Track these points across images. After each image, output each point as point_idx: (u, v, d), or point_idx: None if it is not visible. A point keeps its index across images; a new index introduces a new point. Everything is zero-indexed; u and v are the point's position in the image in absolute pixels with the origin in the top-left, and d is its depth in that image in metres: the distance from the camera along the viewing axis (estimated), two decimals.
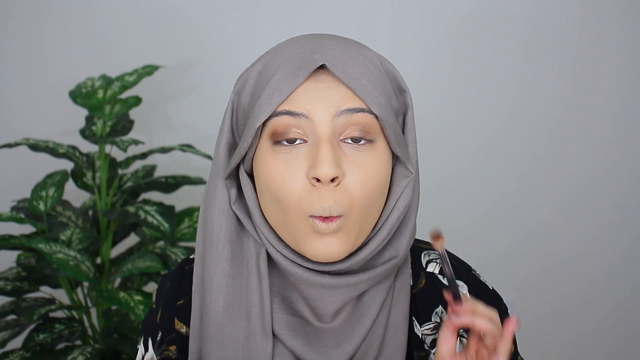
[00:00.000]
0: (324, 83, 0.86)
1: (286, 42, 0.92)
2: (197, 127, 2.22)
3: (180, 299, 1.01)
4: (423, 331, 0.95)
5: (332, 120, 0.85)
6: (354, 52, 0.88)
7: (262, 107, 0.86)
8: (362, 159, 0.86)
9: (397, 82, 0.91)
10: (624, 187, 2.33)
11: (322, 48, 0.87)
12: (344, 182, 0.85)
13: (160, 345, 1.01)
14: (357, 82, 0.85)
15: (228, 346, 0.93)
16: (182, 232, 1.90)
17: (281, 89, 0.85)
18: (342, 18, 2.20)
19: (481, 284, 0.99)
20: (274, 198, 0.87)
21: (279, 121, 0.85)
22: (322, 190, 0.84)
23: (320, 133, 0.85)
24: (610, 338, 2.41)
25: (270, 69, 0.88)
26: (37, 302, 1.80)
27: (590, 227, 2.35)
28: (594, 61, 2.26)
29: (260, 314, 0.92)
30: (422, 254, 0.99)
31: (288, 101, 0.85)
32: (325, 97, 0.85)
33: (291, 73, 0.85)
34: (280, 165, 0.86)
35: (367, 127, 0.86)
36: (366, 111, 0.85)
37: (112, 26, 2.20)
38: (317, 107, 0.85)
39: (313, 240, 0.86)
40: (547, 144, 2.30)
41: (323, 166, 0.83)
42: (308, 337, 0.92)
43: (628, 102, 2.28)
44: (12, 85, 2.20)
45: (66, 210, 1.91)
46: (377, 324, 0.92)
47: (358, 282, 0.90)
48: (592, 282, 2.37)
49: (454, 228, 2.15)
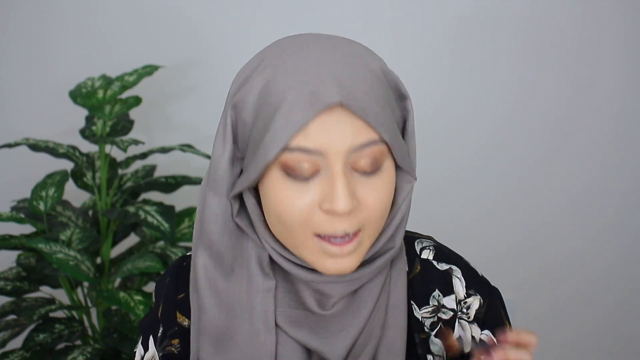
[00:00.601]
0: (337, 117, 0.83)
1: (286, 53, 0.87)
2: (197, 127, 2.22)
3: (181, 293, 1.01)
4: (422, 314, 0.98)
5: (346, 155, 0.84)
6: (360, 69, 0.85)
7: (272, 141, 0.83)
8: (374, 183, 0.86)
9: (398, 90, 0.90)
10: (624, 187, 2.33)
11: (331, 73, 0.84)
12: (358, 207, 0.85)
13: (162, 341, 1.02)
14: (369, 111, 0.83)
15: (231, 347, 0.93)
16: (182, 232, 1.90)
17: (293, 122, 0.82)
18: (342, 18, 2.20)
19: (471, 269, 1.03)
20: (279, 219, 0.87)
21: (291, 156, 0.83)
22: (336, 217, 0.85)
23: (334, 167, 0.83)
24: (610, 338, 2.41)
25: (276, 92, 0.84)
26: (37, 302, 1.80)
27: (591, 227, 2.35)
28: (594, 61, 2.25)
29: (263, 313, 0.92)
30: (415, 242, 1.02)
31: (300, 135, 0.83)
32: (339, 132, 0.83)
33: (303, 107, 0.82)
34: (290, 192, 0.85)
35: (377, 156, 0.85)
36: (377, 142, 0.84)
37: (112, 26, 2.20)
38: (331, 144, 0.83)
39: (325, 260, 0.87)
40: (547, 144, 2.30)
41: (340, 201, 0.82)
42: (312, 325, 0.93)
43: (628, 102, 2.28)
44: (12, 85, 2.20)
45: (66, 210, 1.91)
46: (378, 308, 0.94)
47: (360, 276, 0.92)
48: (592, 282, 2.36)
49: (454, 228, 2.15)
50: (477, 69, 2.26)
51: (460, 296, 0.99)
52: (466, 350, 0.98)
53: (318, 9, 2.21)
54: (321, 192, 0.84)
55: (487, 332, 1.00)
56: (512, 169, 2.32)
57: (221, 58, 2.20)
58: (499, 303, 1.02)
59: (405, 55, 2.22)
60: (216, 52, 2.21)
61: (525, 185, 2.33)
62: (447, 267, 1.00)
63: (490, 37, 2.24)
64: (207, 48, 2.22)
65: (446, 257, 1.01)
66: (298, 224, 0.85)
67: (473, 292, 1.00)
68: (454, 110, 2.27)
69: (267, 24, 2.18)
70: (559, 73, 2.26)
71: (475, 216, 2.32)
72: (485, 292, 1.01)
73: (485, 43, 2.24)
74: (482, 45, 2.24)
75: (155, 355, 1.02)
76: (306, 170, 0.84)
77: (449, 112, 2.27)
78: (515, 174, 2.32)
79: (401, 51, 2.22)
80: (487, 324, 1.00)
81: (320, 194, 0.84)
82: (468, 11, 2.22)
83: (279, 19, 2.19)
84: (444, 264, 1.01)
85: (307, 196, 0.84)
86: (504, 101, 2.28)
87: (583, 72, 2.26)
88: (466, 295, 1.00)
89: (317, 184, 0.84)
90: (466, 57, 2.25)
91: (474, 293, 1.00)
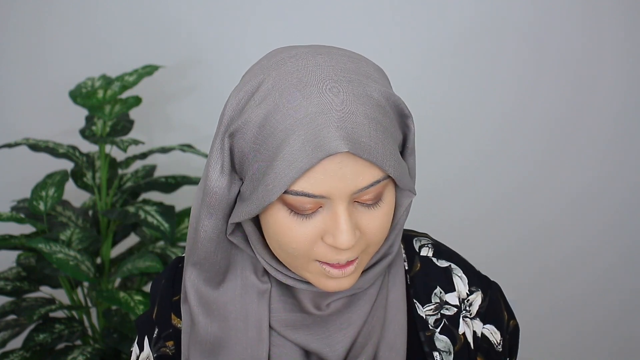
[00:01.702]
0: (341, 160, 0.81)
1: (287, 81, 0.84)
2: (197, 127, 2.22)
3: (176, 295, 1.01)
4: (426, 312, 0.98)
5: (350, 196, 0.84)
6: (362, 107, 0.82)
7: (274, 183, 0.82)
8: (375, 214, 0.86)
9: (400, 110, 0.87)
10: (624, 188, 2.33)
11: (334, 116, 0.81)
12: (360, 236, 0.86)
13: (157, 342, 1.02)
14: (376, 153, 0.82)
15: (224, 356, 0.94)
16: (182, 232, 1.90)
17: (296, 168, 0.81)
18: (342, 18, 2.20)
19: (469, 265, 1.03)
20: (281, 247, 0.87)
21: (294, 199, 0.83)
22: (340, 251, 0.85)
23: (337, 207, 0.83)
24: (610, 338, 2.41)
25: (276, 129, 0.82)
26: (37, 302, 1.80)
27: (591, 227, 2.35)
28: (594, 62, 2.25)
29: (257, 321, 0.93)
30: (413, 240, 1.03)
31: (305, 179, 0.81)
32: (343, 177, 0.82)
33: (306, 150, 0.80)
34: (292, 224, 0.85)
35: (381, 191, 0.86)
36: (381, 180, 0.84)
37: (112, 26, 2.20)
38: (335, 188, 0.82)
39: (324, 280, 0.88)
40: (547, 144, 2.30)
41: (344, 237, 0.83)
42: (309, 327, 0.93)
43: (628, 103, 2.28)
44: (12, 85, 2.20)
45: (66, 210, 1.91)
46: (377, 307, 0.94)
47: (360, 285, 0.93)
48: (592, 282, 2.36)
49: (453, 228, 2.15)
50: (477, 69, 2.26)
51: (463, 294, 1.00)
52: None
53: (318, 9, 2.21)
54: (324, 225, 0.85)
55: (489, 326, 1.00)
56: (512, 169, 2.32)
57: (221, 58, 2.20)
58: (499, 296, 1.03)
59: (405, 55, 2.22)
60: (216, 52, 2.21)
61: (525, 185, 2.33)
62: (447, 264, 1.01)
63: (490, 38, 2.24)
64: (207, 48, 2.22)
65: (445, 254, 1.02)
66: (300, 253, 0.86)
67: (475, 288, 1.00)
68: (454, 110, 2.27)
69: (267, 24, 2.18)
70: (559, 73, 2.26)
71: (475, 216, 2.32)
72: (485, 286, 1.01)
73: (485, 43, 2.24)
74: (482, 45, 2.24)
75: (150, 356, 1.02)
76: (309, 209, 0.84)
77: (449, 112, 2.27)
78: (515, 174, 2.32)
79: (401, 51, 2.22)
80: (488, 318, 1.00)
81: (323, 228, 0.85)
82: (468, 12, 2.22)
83: (279, 19, 2.19)
84: (444, 261, 1.01)
85: (310, 229, 0.85)
86: (504, 101, 2.28)
87: (583, 73, 2.26)
88: (468, 293, 1.00)
89: (320, 218, 0.85)
90: (466, 58, 2.25)
91: (475, 289, 1.00)
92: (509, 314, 1.03)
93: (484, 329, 1.00)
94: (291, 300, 0.94)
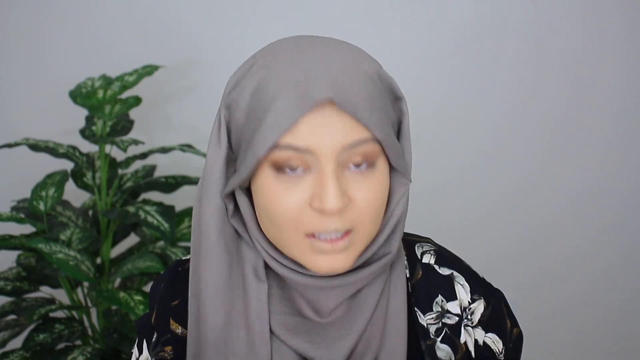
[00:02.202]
0: (328, 115, 0.83)
1: (279, 55, 0.87)
2: (197, 127, 2.22)
3: (175, 299, 1.00)
4: (427, 320, 0.97)
5: (336, 154, 0.83)
6: (353, 70, 0.85)
7: (263, 139, 0.83)
8: (366, 181, 0.85)
9: (393, 91, 0.89)
10: (624, 188, 2.33)
11: (323, 73, 0.84)
12: (350, 205, 0.85)
13: (155, 346, 1.01)
14: (360, 109, 0.83)
15: (227, 354, 0.93)
16: (182, 232, 1.90)
17: (283, 120, 0.82)
18: (342, 18, 2.20)
19: (473, 273, 1.01)
20: (269, 218, 0.87)
21: (281, 153, 0.83)
22: (327, 216, 0.84)
23: (324, 166, 0.83)
24: (610, 338, 2.41)
25: (267, 92, 0.84)
26: (37, 302, 1.80)
27: (591, 227, 2.35)
28: (594, 62, 2.25)
29: (258, 321, 0.92)
30: (415, 246, 1.01)
31: (290, 133, 0.83)
32: (329, 130, 0.83)
33: (293, 104, 0.82)
34: (280, 189, 0.85)
35: (370, 154, 0.85)
36: (369, 141, 0.84)
37: (112, 26, 2.20)
38: (321, 142, 0.82)
39: (316, 258, 0.86)
40: (547, 144, 2.30)
41: (331, 200, 0.82)
42: (309, 333, 0.92)
43: (628, 103, 2.28)
44: (12, 85, 2.20)
45: (66, 210, 1.91)
46: (377, 315, 0.93)
47: (355, 280, 0.90)
48: (592, 282, 2.37)
49: (453, 228, 2.15)
50: (477, 70, 2.26)
51: (465, 303, 0.98)
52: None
53: (318, 9, 2.21)
54: (311, 190, 0.84)
55: (491, 335, 0.99)
56: (512, 169, 2.32)
57: (221, 58, 2.20)
58: (503, 304, 1.01)
59: (405, 55, 2.22)
60: (216, 52, 2.21)
61: (525, 185, 2.33)
62: (449, 272, 0.99)
63: (490, 38, 2.24)
64: (207, 48, 2.22)
65: (447, 261, 1.00)
66: (288, 222, 0.85)
67: (477, 296, 0.99)
68: (454, 111, 2.27)
69: (267, 24, 2.18)
70: (559, 73, 2.26)
71: (475, 216, 2.32)
72: (489, 295, 0.99)
73: (485, 44, 2.25)
74: (482, 45, 2.25)
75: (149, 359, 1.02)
76: (296, 168, 0.84)
77: (449, 112, 2.27)
78: (515, 174, 2.32)
79: (401, 51, 2.22)
80: (491, 327, 0.99)
81: (311, 192, 0.84)
82: (469, 12, 2.22)
83: (279, 19, 2.19)
84: (446, 268, 0.99)
85: (298, 194, 0.84)
86: (504, 101, 2.28)
87: (583, 73, 2.27)
88: (471, 301, 0.98)
89: (307, 182, 0.84)
90: (466, 58, 2.25)
91: (478, 298, 0.99)
92: (512, 322, 1.01)
93: (486, 338, 0.99)
94: (290, 304, 0.93)
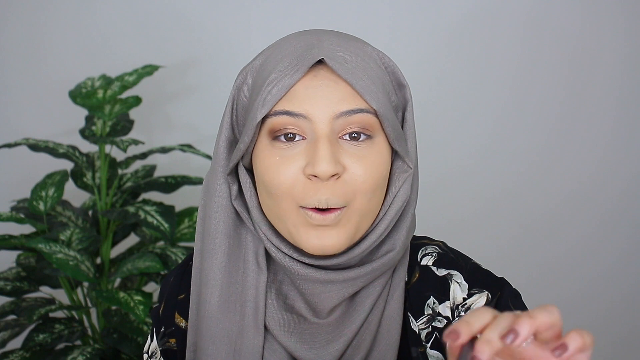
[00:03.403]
0: (323, 80, 0.85)
1: (285, 38, 0.91)
2: (197, 127, 2.22)
3: (182, 293, 1.02)
4: (419, 326, 0.94)
5: (331, 121, 0.84)
6: (352, 47, 0.88)
7: (261, 103, 0.85)
8: (362, 152, 0.86)
9: (397, 77, 0.91)
10: (623, 186, 2.33)
11: (321, 43, 0.87)
12: (344, 175, 0.85)
13: (162, 337, 1.03)
14: (356, 77, 0.85)
15: (221, 340, 0.93)
16: (182, 232, 1.90)
17: (280, 84, 0.84)
18: (341, 17, 2.20)
19: (480, 269, 0.97)
20: (267, 190, 0.87)
21: (277, 120, 0.85)
22: (319, 184, 0.84)
23: (318, 132, 0.84)
24: (610, 337, 2.40)
25: (269, 65, 0.88)
26: (37, 302, 1.80)
27: (589, 225, 2.35)
28: (593, 60, 2.25)
29: (254, 310, 0.92)
30: (420, 249, 0.98)
31: (287, 99, 0.85)
32: (324, 96, 0.84)
33: (290, 68, 0.85)
34: (277, 159, 0.86)
35: (366, 125, 0.85)
36: (365, 111, 0.85)
37: (112, 26, 2.20)
38: (316, 107, 0.84)
39: (308, 232, 0.86)
40: (545, 142, 2.30)
41: (322, 164, 0.82)
42: (302, 333, 0.92)
43: (625, 100, 2.28)
44: (12, 85, 2.20)
45: (66, 210, 1.91)
46: (371, 320, 0.92)
47: (355, 276, 0.89)
48: (591, 281, 2.36)
49: (452, 227, 2.15)
50: (474, 67, 2.26)
51: (458, 300, 0.93)
52: None
53: (317, 8, 2.21)
54: (306, 157, 0.85)
55: None
56: (510, 167, 2.32)
57: (221, 58, 2.20)
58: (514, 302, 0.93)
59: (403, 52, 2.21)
60: (216, 52, 2.21)
61: (524, 184, 2.33)
62: (446, 272, 0.95)
63: (488, 36, 2.24)
64: (207, 48, 2.22)
65: (448, 263, 0.96)
66: (283, 193, 0.85)
67: (478, 289, 0.93)
68: (452, 108, 2.27)
69: (267, 24, 2.18)
70: (558, 71, 2.26)
71: (473, 215, 2.32)
72: (496, 288, 0.93)
73: (483, 41, 2.25)
74: (480, 43, 2.25)
75: (157, 349, 1.04)
76: (293, 137, 0.85)
77: (447, 110, 2.27)
78: (512, 171, 2.32)
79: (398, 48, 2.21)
80: None
81: (305, 160, 0.84)
82: (466, 9, 2.22)
83: (279, 19, 2.19)
84: (444, 269, 0.95)
85: (292, 163, 0.85)
86: (503, 99, 2.28)
87: (580, 70, 2.27)
88: (467, 297, 0.93)
89: (302, 151, 0.85)
90: (463, 55, 2.25)
91: (479, 290, 0.93)
92: None
93: None
94: (287, 301, 0.93)
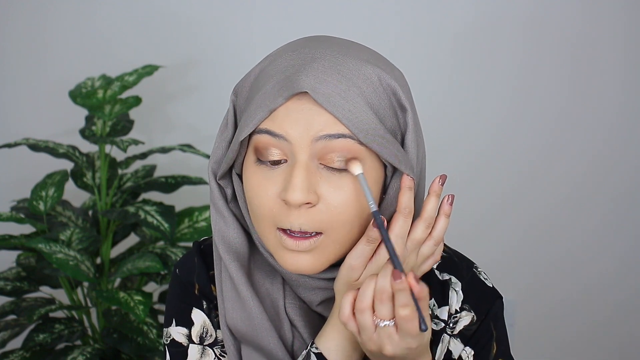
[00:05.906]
0: (306, 104, 0.83)
1: (285, 47, 0.90)
2: (197, 127, 2.22)
3: (211, 270, 0.99)
4: None
5: (311, 145, 0.83)
6: (345, 70, 0.84)
7: (246, 122, 0.85)
8: (342, 181, 0.84)
9: (398, 99, 0.87)
10: (623, 188, 2.33)
11: (312, 64, 0.84)
12: (319, 205, 0.84)
13: (210, 313, 0.99)
14: (338, 106, 0.82)
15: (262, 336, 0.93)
16: (182, 232, 1.90)
17: (263, 106, 0.84)
18: (343, 20, 2.20)
19: (478, 282, 0.98)
20: (251, 208, 0.88)
21: (260, 138, 0.85)
22: (294, 209, 0.84)
23: (297, 156, 0.84)
24: (610, 338, 2.40)
25: (263, 79, 0.87)
26: (37, 302, 1.80)
27: (590, 227, 2.35)
28: (595, 62, 2.25)
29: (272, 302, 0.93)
30: None
31: (270, 119, 0.84)
32: (305, 120, 0.83)
33: (275, 91, 0.84)
34: (260, 179, 0.86)
35: (350, 153, 0.84)
36: (347, 136, 0.83)
37: (112, 26, 2.20)
38: (296, 130, 0.83)
39: (284, 255, 0.87)
40: (547, 145, 2.30)
41: (294, 192, 0.82)
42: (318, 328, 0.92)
43: (627, 103, 2.28)
44: (12, 85, 2.20)
45: (66, 210, 1.91)
46: None
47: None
48: (592, 282, 2.36)
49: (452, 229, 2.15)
50: (476, 70, 2.26)
51: (453, 309, 0.96)
52: None
53: (320, 10, 2.21)
54: (283, 181, 0.84)
55: (468, 349, 0.95)
56: (512, 169, 2.31)
57: (221, 58, 2.20)
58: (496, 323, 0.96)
59: (406, 56, 2.21)
60: (216, 52, 2.21)
61: (526, 186, 2.32)
62: (448, 277, 0.97)
63: (490, 38, 2.24)
64: (207, 48, 2.21)
65: (450, 268, 0.98)
66: (263, 215, 0.86)
67: (468, 307, 0.96)
68: (454, 111, 2.27)
69: (267, 24, 2.18)
70: (560, 74, 2.26)
71: (475, 216, 2.31)
72: (483, 311, 0.96)
73: (485, 44, 2.24)
74: (482, 46, 2.24)
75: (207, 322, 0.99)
76: (274, 156, 0.85)
77: (449, 113, 2.26)
78: (515, 174, 2.32)
79: (402, 52, 2.21)
80: (472, 343, 0.95)
81: (283, 183, 0.84)
82: (471, 16, 2.22)
83: (279, 19, 2.19)
84: (446, 274, 0.97)
85: (272, 186, 0.85)
86: (505, 102, 2.28)
87: (583, 73, 2.26)
88: (458, 310, 0.96)
89: (281, 173, 0.85)
90: (466, 58, 2.25)
91: (468, 309, 0.96)
92: (498, 349, 0.96)
93: (463, 352, 0.95)
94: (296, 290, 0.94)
